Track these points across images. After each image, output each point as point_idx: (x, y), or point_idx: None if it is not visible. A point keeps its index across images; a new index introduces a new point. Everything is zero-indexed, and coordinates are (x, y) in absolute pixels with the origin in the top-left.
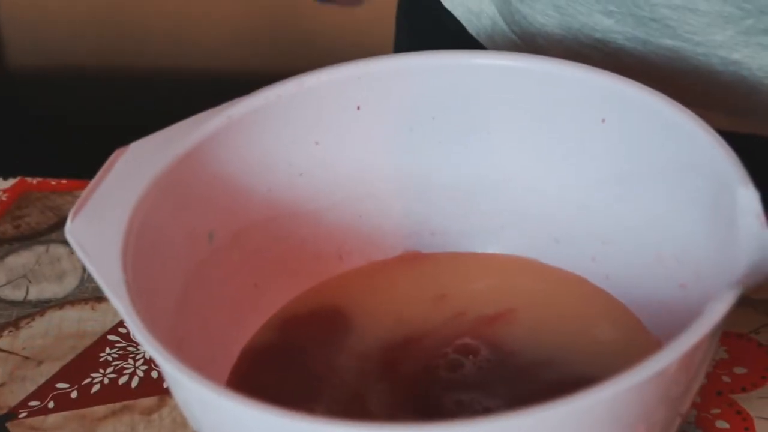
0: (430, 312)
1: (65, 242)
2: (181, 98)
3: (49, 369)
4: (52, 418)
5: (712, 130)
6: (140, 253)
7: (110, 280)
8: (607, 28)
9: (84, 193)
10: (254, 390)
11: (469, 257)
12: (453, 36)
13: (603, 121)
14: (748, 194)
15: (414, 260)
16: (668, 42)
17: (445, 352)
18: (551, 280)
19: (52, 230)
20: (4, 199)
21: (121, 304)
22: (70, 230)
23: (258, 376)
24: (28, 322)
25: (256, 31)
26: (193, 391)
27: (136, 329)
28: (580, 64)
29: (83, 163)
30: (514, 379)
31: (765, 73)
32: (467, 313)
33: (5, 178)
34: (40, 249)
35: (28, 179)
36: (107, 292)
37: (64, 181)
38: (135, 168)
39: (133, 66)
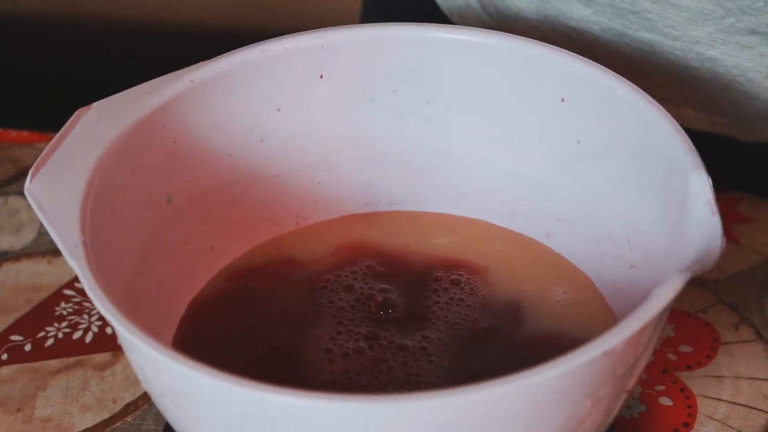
0: (386, 263)
1: (24, 194)
2: (151, 51)
3: (4, 321)
4: (5, 370)
5: (668, 116)
6: (99, 213)
7: (67, 240)
8: (584, 18)
9: (44, 152)
10: (202, 342)
11: (427, 216)
12: (423, 13)
13: (562, 100)
14: (700, 180)
15: (364, 219)
16: (645, 35)
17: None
18: (510, 242)
19: (11, 182)
20: None
21: (77, 265)
22: (29, 189)
23: (206, 327)
24: None
25: None
26: (145, 354)
27: (91, 290)
28: (542, 43)
29: (46, 113)
30: (465, 335)
31: (740, 71)
32: (425, 267)
33: None
34: None
35: None
36: (64, 252)
37: (24, 133)
38: (96, 128)
39: (102, 15)
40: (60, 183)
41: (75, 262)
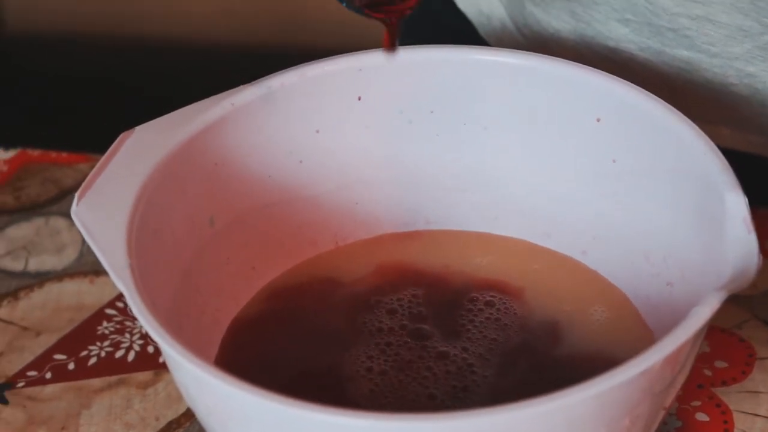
0: (424, 282)
1: (65, 215)
2: (180, 68)
3: (47, 340)
4: (50, 389)
5: (704, 135)
6: (144, 236)
7: (115, 263)
8: (622, 37)
9: (90, 175)
10: (244, 361)
11: (464, 235)
12: (459, 35)
13: (598, 120)
14: (736, 199)
15: (402, 238)
16: (684, 53)
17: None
18: (547, 261)
19: (53, 203)
20: (4, 170)
21: (125, 288)
22: (76, 212)
23: (247, 346)
24: (27, 293)
25: (254, 4)
26: (191, 373)
27: (139, 312)
28: (576, 64)
29: (82, 130)
30: (506, 351)
31: None
32: (464, 287)
33: (6, 149)
34: (39, 221)
35: (29, 151)
36: (112, 275)
37: (64, 154)
38: (140, 152)
39: (132, 33)
40: (106, 206)
41: (123, 284)
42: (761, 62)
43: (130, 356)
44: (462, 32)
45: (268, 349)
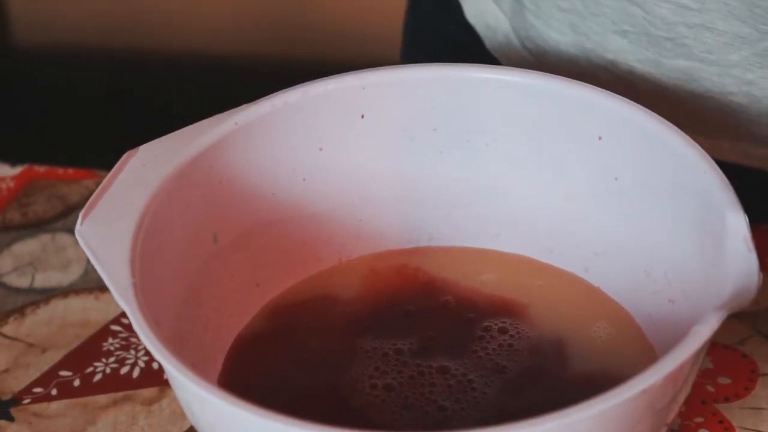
0: (428, 299)
1: (71, 231)
2: (186, 80)
3: (53, 356)
4: (55, 405)
5: (704, 154)
6: (147, 254)
7: (118, 282)
8: (620, 49)
9: (94, 194)
10: (248, 378)
11: (467, 251)
12: (466, 48)
13: (599, 138)
14: (736, 217)
15: (406, 255)
16: (682, 62)
17: (443, 335)
18: (550, 277)
19: (58, 219)
20: (11, 186)
21: (128, 307)
22: (80, 232)
23: (251, 363)
24: (33, 310)
25: (261, 15)
26: (194, 393)
27: (142, 331)
28: (579, 83)
29: (89, 144)
30: (509, 371)
31: None
32: (467, 304)
33: (13, 165)
34: (45, 237)
35: (36, 167)
36: (115, 294)
37: (71, 171)
38: (144, 171)
39: (139, 46)
40: (110, 225)
41: (126, 304)
42: (759, 69)
43: (135, 372)
44: (468, 46)
45: (272, 365)
